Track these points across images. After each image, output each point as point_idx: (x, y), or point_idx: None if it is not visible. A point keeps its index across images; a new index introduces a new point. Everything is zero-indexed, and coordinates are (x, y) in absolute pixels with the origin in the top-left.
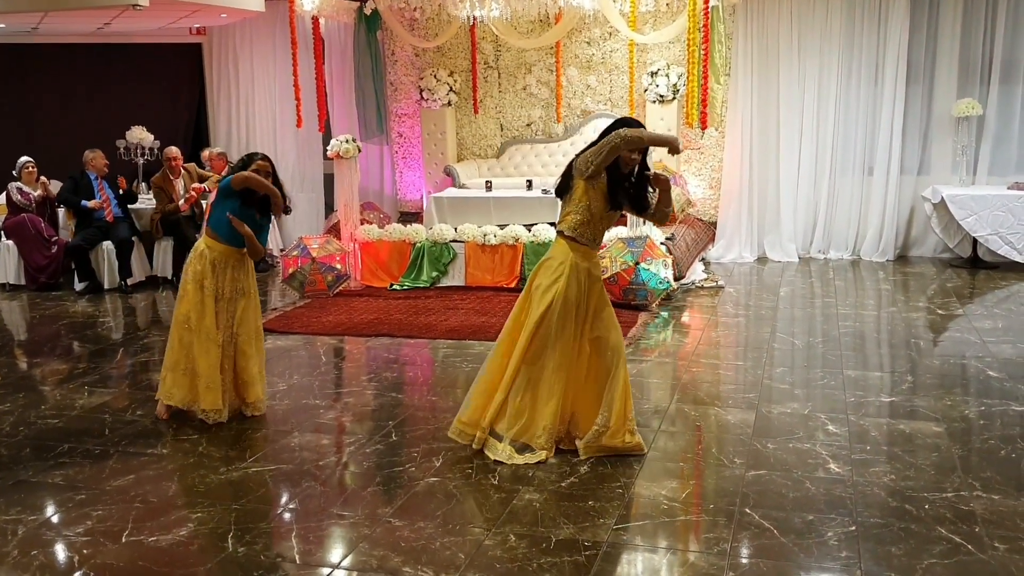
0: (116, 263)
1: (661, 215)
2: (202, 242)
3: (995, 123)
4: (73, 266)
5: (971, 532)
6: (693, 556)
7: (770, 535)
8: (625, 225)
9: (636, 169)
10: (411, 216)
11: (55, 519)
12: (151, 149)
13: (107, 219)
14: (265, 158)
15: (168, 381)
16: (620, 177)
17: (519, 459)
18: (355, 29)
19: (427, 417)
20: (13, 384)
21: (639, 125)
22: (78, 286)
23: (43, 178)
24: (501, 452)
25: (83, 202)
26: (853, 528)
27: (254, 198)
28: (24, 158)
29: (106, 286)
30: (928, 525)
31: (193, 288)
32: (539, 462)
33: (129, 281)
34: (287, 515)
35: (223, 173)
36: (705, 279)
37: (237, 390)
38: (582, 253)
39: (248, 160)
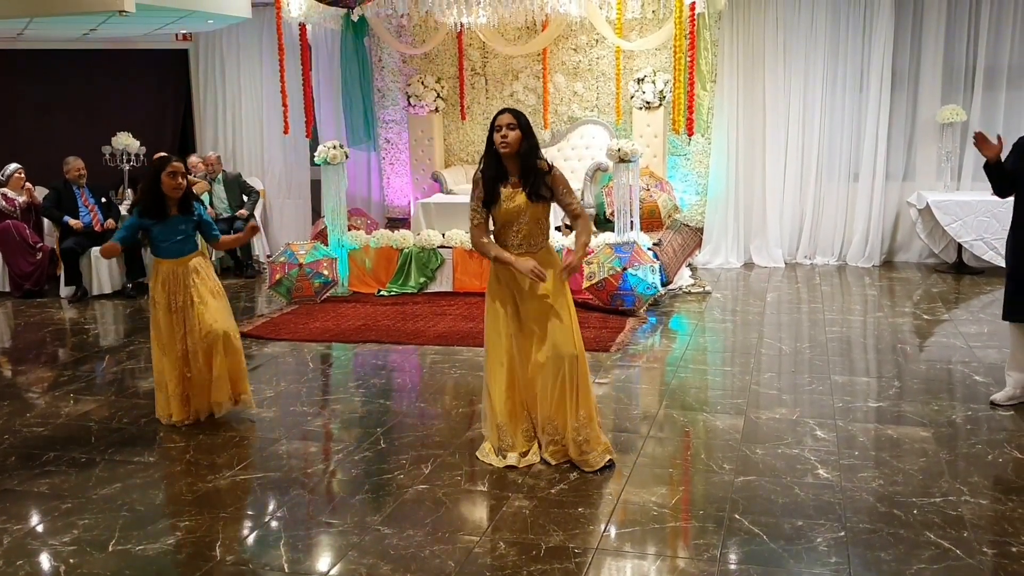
0: (115, 269)
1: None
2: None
3: (979, 129)
4: (59, 271)
5: (959, 537)
6: (683, 562)
7: (759, 541)
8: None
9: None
10: (399, 222)
11: (40, 528)
12: (137, 155)
13: (95, 229)
14: (179, 160)
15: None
16: (491, 166)
17: (487, 458)
18: (342, 35)
19: (416, 424)
20: None
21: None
22: (64, 291)
23: (27, 184)
24: (482, 448)
25: (65, 218)
26: (842, 534)
27: (163, 207)
28: (14, 165)
29: (93, 292)
30: (917, 530)
31: (152, 306)
32: (509, 467)
33: (127, 284)
34: (275, 523)
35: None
36: (692, 284)
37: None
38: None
39: (161, 163)
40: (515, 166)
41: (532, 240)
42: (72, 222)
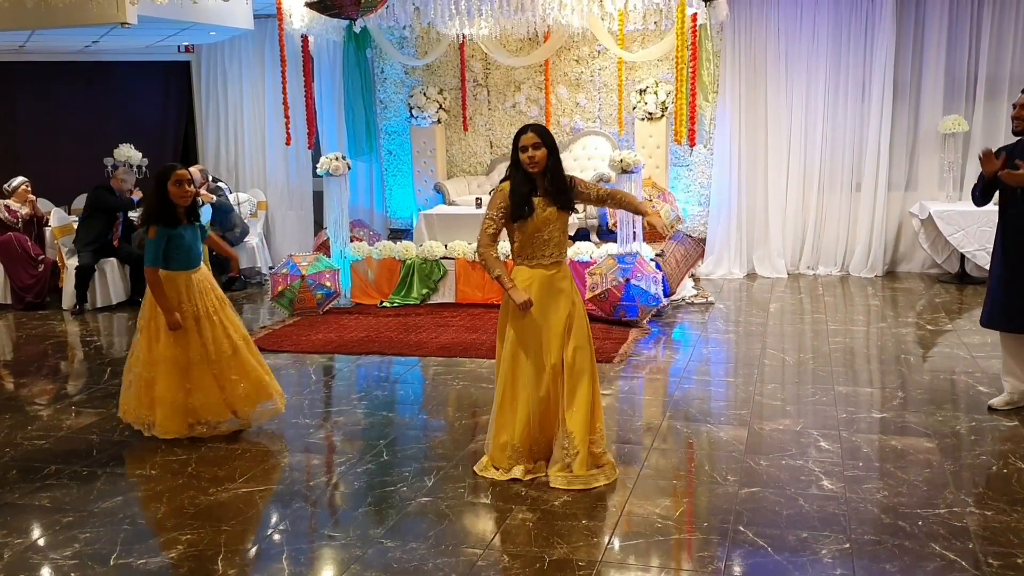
0: (119, 281)
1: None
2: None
3: (981, 139)
4: (61, 284)
5: (965, 548)
6: (687, 575)
7: (764, 553)
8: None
9: (551, 166)
10: (401, 233)
11: (42, 542)
12: (139, 167)
13: (114, 243)
14: (182, 167)
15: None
16: (523, 181)
17: (485, 473)
18: (344, 47)
19: (418, 436)
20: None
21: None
22: (68, 304)
23: (30, 196)
24: (481, 462)
25: (132, 216)
26: (847, 545)
27: (175, 216)
28: (20, 178)
29: (97, 304)
30: (922, 542)
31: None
32: (513, 479)
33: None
34: (277, 537)
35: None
36: (695, 295)
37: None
38: (533, 271)
39: (166, 173)
40: (543, 180)
41: (560, 249)
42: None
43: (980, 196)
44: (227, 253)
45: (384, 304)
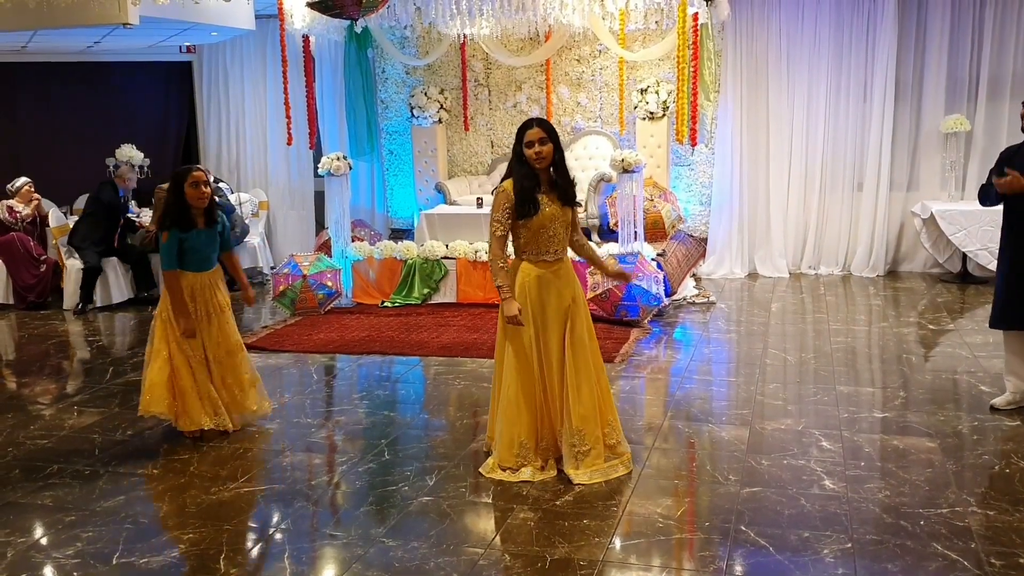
0: (122, 281)
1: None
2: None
3: (983, 139)
4: (63, 284)
5: (967, 548)
6: (688, 574)
7: (765, 552)
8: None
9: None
10: (402, 233)
11: (44, 541)
12: (141, 167)
13: (114, 244)
14: (199, 169)
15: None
16: (528, 176)
17: (491, 475)
18: (345, 47)
19: (420, 435)
20: (2, 404)
21: (550, 128)
22: (69, 304)
23: (34, 196)
24: (487, 464)
25: (133, 219)
26: (849, 545)
27: (190, 219)
28: (24, 179)
29: (99, 304)
30: (924, 541)
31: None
32: (523, 481)
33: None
34: (279, 536)
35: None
36: (696, 295)
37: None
38: (535, 267)
39: (183, 174)
40: (547, 175)
41: (563, 245)
42: (146, 225)
43: (990, 197)
44: (242, 283)
45: (385, 304)
